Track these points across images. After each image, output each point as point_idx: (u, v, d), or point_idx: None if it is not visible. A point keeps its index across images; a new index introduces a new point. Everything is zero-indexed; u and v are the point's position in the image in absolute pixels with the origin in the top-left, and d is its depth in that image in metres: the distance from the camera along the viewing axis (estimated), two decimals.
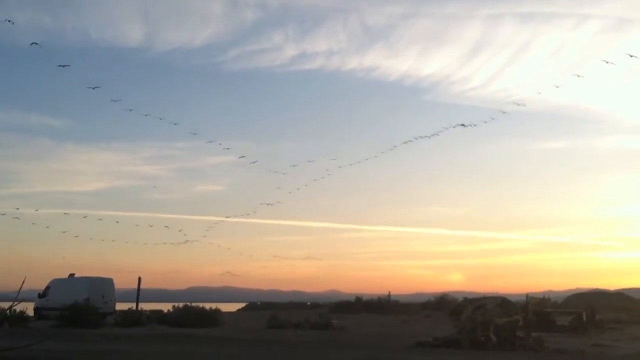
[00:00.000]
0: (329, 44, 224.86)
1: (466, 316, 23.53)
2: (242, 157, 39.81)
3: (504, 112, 31.72)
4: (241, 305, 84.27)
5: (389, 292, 61.47)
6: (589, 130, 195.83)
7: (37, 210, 44.93)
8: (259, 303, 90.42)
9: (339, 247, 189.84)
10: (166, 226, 47.45)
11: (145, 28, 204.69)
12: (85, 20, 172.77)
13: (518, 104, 31.75)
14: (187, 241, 44.02)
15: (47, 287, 40.75)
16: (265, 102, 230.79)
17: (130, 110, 32.52)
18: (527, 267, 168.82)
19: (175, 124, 34.83)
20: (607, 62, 25.31)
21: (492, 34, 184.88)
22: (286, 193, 40.32)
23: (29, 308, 37.11)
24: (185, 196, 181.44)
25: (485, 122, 31.80)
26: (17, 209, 38.91)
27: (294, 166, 38.16)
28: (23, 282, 11.50)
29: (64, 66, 25.23)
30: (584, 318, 33.92)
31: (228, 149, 39.53)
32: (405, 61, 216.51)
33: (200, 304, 38.26)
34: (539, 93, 32.89)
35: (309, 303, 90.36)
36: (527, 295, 35.06)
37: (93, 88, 27.37)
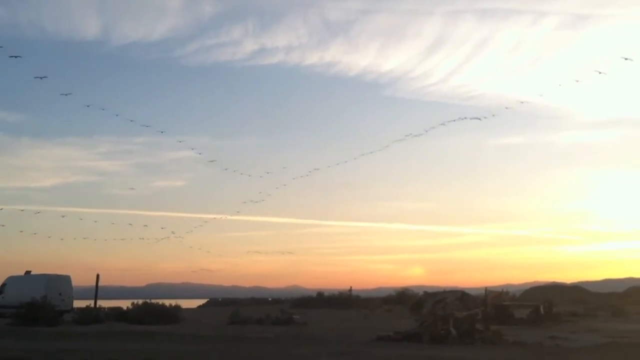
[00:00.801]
0: (288, 39, 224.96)
1: (427, 310, 23.75)
2: (200, 153, 40.21)
3: (506, 108, 32.46)
4: (202, 301, 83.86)
5: (350, 287, 61.81)
6: (545, 126, 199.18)
7: (1, 209, 44.20)
8: (220, 299, 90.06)
9: (300, 242, 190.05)
10: (130, 224, 47.31)
11: (102, 21, 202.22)
12: (41, 13, 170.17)
13: (522, 102, 32.50)
14: (168, 237, 43.97)
15: (3, 285, 39.99)
16: (225, 97, 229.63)
17: (88, 106, 32.23)
18: (485, 260, 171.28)
19: (131, 120, 34.81)
20: (599, 73, 25.78)
21: (452, 30, 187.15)
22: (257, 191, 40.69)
23: None
24: (144, 192, 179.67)
25: (483, 118, 32.32)
26: None
27: (268, 173, 38.90)
28: None
29: (16, 57, 24.73)
30: (542, 311, 34.47)
31: (193, 149, 39.92)
32: (365, 57, 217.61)
33: (160, 301, 37.92)
34: (522, 102, 33.47)
35: (270, 299, 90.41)
36: (485, 289, 35.62)
37: (41, 78, 26.92)
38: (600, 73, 25.80)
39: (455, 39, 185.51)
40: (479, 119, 32.50)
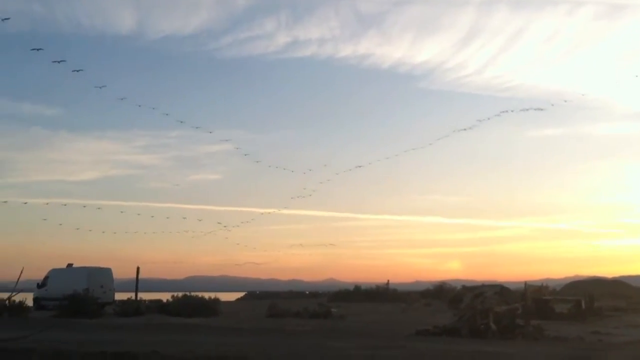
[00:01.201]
0: (321, 31, 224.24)
1: (465, 304, 23.57)
2: (247, 154, 41.12)
3: (552, 105, 32.66)
4: (240, 294, 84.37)
5: (388, 280, 61.52)
6: (584, 117, 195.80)
7: (47, 203, 45.91)
8: (257, 292, 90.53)
9: (337, 236, 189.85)
10: (168, 217, 48.16)
11: (137, 15, 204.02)
12: (76, 8, 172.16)
13: (565, 101, 32.90)
14: (214, 231, 44.84)
15: (46, 277, 40.74)
16: (258, 90, 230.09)
17: (139, 106, 33.02)
18: (525, 254, 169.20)
19: (171, 115, 35.60)
20: (637, 76, 26.00)
21: (486, 21, 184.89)
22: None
23: (28, 298, 37.14)
24: (181, 185, 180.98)
25: (524, 110, 32.53)
26: (5, 201, 39.64)
27: (310, 170, 39.77)
28: (21, 272, 11.48)
29: (59, 62, 25.44)
30: (583, 306, 33.96)
31: (227, 140, 40.43)
32: (398, 48, 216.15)
33: (199, 294, 38.28)
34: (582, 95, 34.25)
35: (307, 292, 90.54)
36: (525, 283, 35.16)
37: (77, 71, 27.63)
38: (637, 76, 25.90)
39: (489, 30, 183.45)
40: (538, 110, 32.50)
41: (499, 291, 28.00)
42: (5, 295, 25.20)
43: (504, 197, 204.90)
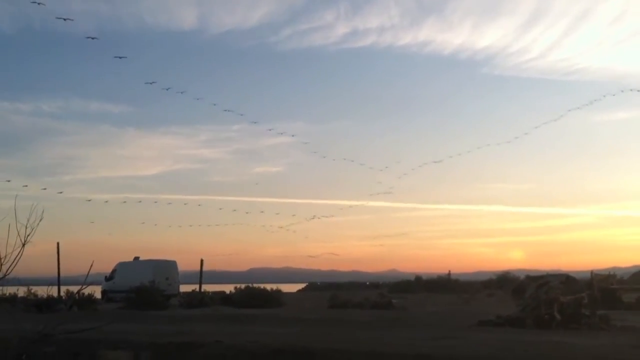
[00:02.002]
0: (380, 20, 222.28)
1: (529, 294, 23.27)
2: (324, 157, 41.59)
3: (626, 91, 31.63)
4: (301, 285, 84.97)
5: (449, 270, 61.01)
6: None
7: (106, 201, 47.80)
8: (318, 283, 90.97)
9: (401, 227, 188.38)
10: (234, 209, 49.88)
11: (198, 11, 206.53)
12: (140, 5, 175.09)
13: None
14: (291, 224, 45.71)
15: (113, 271, 41.86)
16: (319, 82, 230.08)
17: (214, 104, 34.09)
18: (591, 243, 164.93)
19: (228, 110, 36.31)
20: None
21: (550, 3, 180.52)
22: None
23: (96, 291, 38.25)
24: (243, 178, 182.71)
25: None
26: (61, 192, 41.59)
27: (386, 167, 40.21)
28: (91, 265, 11.88)
29: (121, 57, 26.70)
30: None
31: (281, 133, 41.08)
32: (459, 34, 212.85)
33: (262, 285, 38.78)
34: None
35: (368, 283, 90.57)
36: (591, 272, 34.46)
37: (151, 83, 28.98)
38: None
39: (553, 12, 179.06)
40: None
41: (564, 280, 27.58)
42: (76, 289, 26.01)
43: (570, 184, 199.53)
